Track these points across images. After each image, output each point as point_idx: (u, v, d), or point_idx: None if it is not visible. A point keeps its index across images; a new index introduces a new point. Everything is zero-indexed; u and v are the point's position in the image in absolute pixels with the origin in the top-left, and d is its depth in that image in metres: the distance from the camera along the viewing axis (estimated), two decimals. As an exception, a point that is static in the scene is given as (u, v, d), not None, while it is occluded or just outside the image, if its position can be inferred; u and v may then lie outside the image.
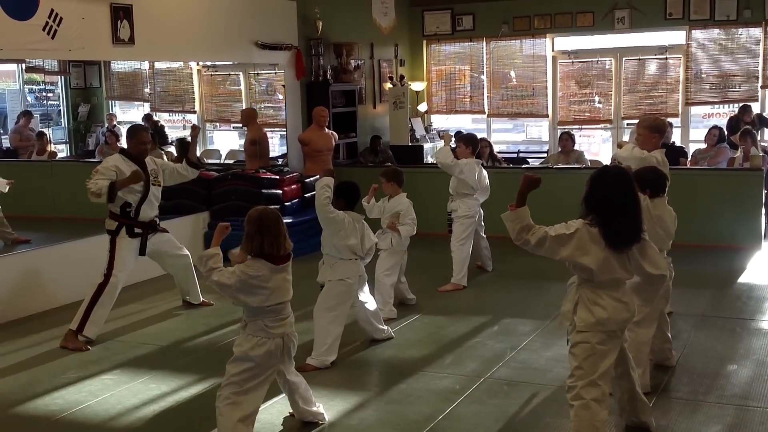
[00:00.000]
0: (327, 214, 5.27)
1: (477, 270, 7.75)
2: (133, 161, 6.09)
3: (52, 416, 4.68)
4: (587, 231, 3.72)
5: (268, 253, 3.91)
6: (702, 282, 7.19)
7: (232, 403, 3.94)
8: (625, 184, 3.80)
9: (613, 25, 11.48)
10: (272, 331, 3.96)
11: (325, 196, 5.23)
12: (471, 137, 7.67)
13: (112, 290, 5.99)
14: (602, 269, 3.72)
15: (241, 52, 9.10)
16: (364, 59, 11.34)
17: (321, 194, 5.24)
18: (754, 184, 8.66)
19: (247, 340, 3.96)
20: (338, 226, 5.32)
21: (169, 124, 11.93)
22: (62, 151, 11.69)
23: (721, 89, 11.30)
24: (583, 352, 3.75)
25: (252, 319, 3.99)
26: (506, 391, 4.88)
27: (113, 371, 5.38)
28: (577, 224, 3.76)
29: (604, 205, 3.72)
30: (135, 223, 6.11)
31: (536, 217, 3.79)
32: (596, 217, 3.72)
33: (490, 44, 12.38)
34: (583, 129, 12.09)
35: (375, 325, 5.77)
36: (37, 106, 11.55)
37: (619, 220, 3.71)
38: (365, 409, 4.68)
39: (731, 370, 5.16)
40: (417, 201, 6.62)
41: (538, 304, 6.68)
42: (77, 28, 7.02)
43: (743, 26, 11.05)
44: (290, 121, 9.82)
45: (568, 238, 3.73)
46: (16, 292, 6.60)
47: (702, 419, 4.43)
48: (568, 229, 3.74)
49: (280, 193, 8.73)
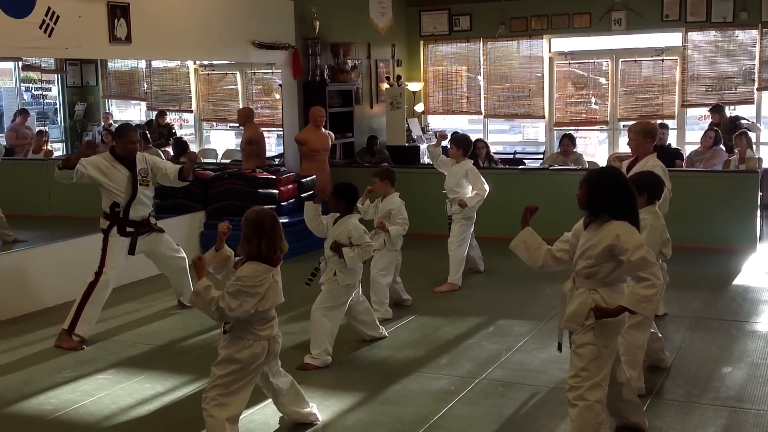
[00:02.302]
0: (316, 228, 5.50)
1: (471, 271, 7.75)
2: (121, 162, 6.07)
3: (47, 416, 4.67)
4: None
5: (265, 255, 3.91)
6: (697, 284, 7.20)
7: (219, 404, 3.92)
8: (623, 182, 3.87)
9: (610, 26, 11.48)
10: (259, 333, 3.94)
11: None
12: (462, 139, 7.59)
13: (103, 288, 5.96)
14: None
15: (238, 51, 9.09)
16: (361, 59, 11.33)
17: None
18: (750, 186, 8.67)
19: (234, 343, 3.93)
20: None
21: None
22: (58, 150, 11.66)
23: (717, 91, 11.32)
24: (590, 354, 3.74)
25: (239, 321, 3.97)
26: (501, 392, 4.88)
27: (108, 371, 5.37)
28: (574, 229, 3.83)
29: (608, 203, 3.74)
30: (125, 223, 6.09)
31: (536, 218, 3.82)
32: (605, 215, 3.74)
33: (487, 45, 12.38)
34: (580, 130, 12.09)
35: (368, 325, 5.79)
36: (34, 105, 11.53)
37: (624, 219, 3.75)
38: (360, 409, 4.68)
39: (726, 372, 5.17)
40: (413, 201, 6.62)
41: (534, 305, 6.68)
42: (74, 26, 7.01)
43: (739, 28, 11.07)
44: (287, 120, 9.82)
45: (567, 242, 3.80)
46: (10, 291, 6.59)
47: (696, 421, 4.43)
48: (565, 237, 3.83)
49: (277, 193, 8.72)
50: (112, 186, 6.03)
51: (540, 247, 4.03)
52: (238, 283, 3.83)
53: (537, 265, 4.04)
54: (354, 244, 5.38)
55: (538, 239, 4.04)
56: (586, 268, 3.77)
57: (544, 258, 4.01)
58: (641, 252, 3.62)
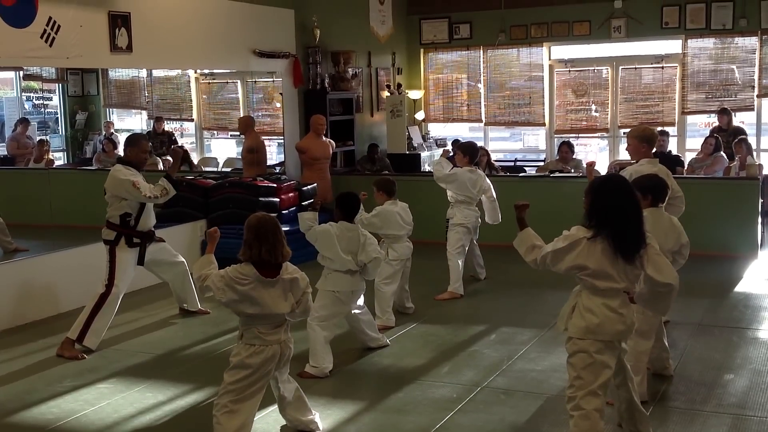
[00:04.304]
0: (306, 231, 5.50)
1: (472, 279, 7.75)
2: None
3: (48, 425, 4.66)
4: (589, 246, 3.73)
5: (266, 260, 3.92)
6: (699, 291, 7.19)
7: (229, 411, 3.95)
8: (628, 189, 3.86)
9: (610, 34, 11.50)
10: (267, 338, 3.98)
11: (307, 225, 5.48)
12: (468, 146, 7.64)
13: (113, 301, 5.98)
14: (600, 275, 3.73)
15: (239, 60, 9.10)
16: (362, 67, 11.35)
17: (304, 224, 5.49)
18: (751, 193, 8.68)
19: (244, 349, 3.99)
20: (312, 236, 5.46)
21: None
22: (59, 159, 11.68)
23: (717, 98, 11.33)
24: (581, 362, 3.75)
25: (246, 327, 4.02)
26: (503, 400, 4.88)
27: (109, 380, 5.37)
28: (575, 235, 3.77)
29: (613, 214, 3.73)
30: (134, 233, 6.10)
31: (537, 223, 3.82)
32: (605, 229, 3.71)
33: (487, 53, 12.40)
34: (580, 138, 12.10)
35: (369, 335, 5.78)
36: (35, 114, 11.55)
37: (629, 228, 3.73)
38: (362, 418, 4.67)
39: (728, 379, 5.16)
40: (413, 209, 6.62)
41: (536, 312, 6.67)
42: (75, 35, 7.02)
43: (739, 35, 11.09)
44: (288, 129, 9.82)
45: (566, 250, 3.76)
46: (12, 300, 6.58)
47: (699, 429, 4.43)
48: (566, 241, 3.78)
49: (278, 201, 8.72)
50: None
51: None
52: (229, 271, 3.96)
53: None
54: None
55: (539, 240, 4.01)
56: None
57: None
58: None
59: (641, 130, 6.01)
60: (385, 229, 6.39)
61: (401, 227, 6.44)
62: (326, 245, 5.41)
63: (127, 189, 5.93)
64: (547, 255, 3.84)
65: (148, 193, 5.96)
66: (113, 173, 6.02)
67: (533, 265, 3.97)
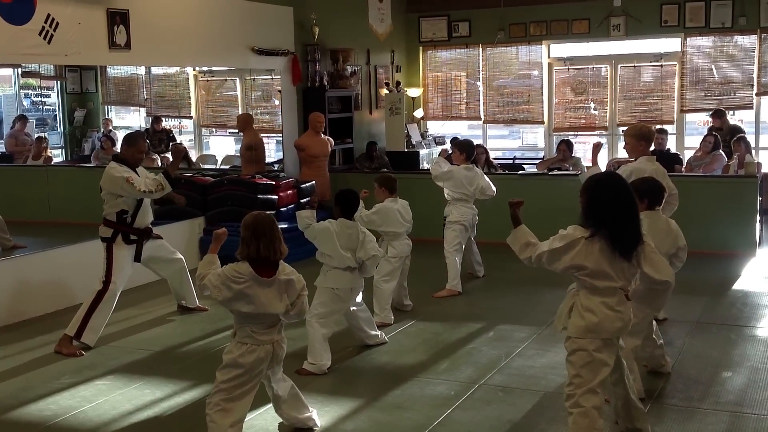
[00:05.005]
0: (305, 229, 5.48)
1: (470, 276, 7.75)
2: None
3: (46, 422, 4.66)
4: (586, 245, 3.72)
5: (264, 256, 3.93)
6: (697, 289, 7.20)
7: (222, 409, 3.96)
8: (624, 187, 3.85)
9: (609, 32, 11.50)
10: (260, 338, 3.99)
11: (305, 223, 5.45)
12: (464, 143, 7.65)
13: (111, 297, 5.98)
14: (599, 275, 3.73)
15: (238, 57, 9.10)
16: (361, 65, 11.35)
17: (302, 222, 5.46)
18: (749, 191, 8.68)
19: (237, 347, 4.00)
20: (311, 234, 5.44)
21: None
22: (58, 156, 11.69)
23: (716, 96, 11.33)
24: (580, 360, 3.75)
25: (240, 325, 4.03)
26: (501, 397, 4.88)
27: (107, 376, 5.37)
28: (572, 235, 3.76)
29: (610, 212, 3.72)
30: (131, 230, 6.11)
31: (535, 223, 3.81)
32: (602, 228, 3.70)
33: (486, 51, 12.40)
34: (579, 135, 12.10)
35: (367, 332, 5.78)
36: (33, 111, 11.55)
37: (626, 225, 3.73)
38: (360, 414, 4.67)
39: (726, 376, 5.17)
40: (412, 207, 6.63)
41: (534, 310, 6.68)
42: (73, 32, 7.01)
43: (738, 34, 11.08)
44: (286, 126, 9.82)
45: (563, 250, 3.75)
46: (10, 297, 6.58)
47: (696, 426, 4.43)
48: (563, 240, 3.76)
49: (276, 199, 8.73)
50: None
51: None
52: (225, 269, 3.96)
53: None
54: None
55: (533, 237, 4.00)
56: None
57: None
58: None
59: (638, 128, 6.02)
60: (385, 226, 6.40)
61: (401, 225, 6.45)
62: (325, 242, 5.41)
63: (121, 186, 5.94)
64: (543, 254, 3.82)
65: (142, 188, 5.96)
66: (108, 171, 6.06)
67: (527, 263, 3.95)
